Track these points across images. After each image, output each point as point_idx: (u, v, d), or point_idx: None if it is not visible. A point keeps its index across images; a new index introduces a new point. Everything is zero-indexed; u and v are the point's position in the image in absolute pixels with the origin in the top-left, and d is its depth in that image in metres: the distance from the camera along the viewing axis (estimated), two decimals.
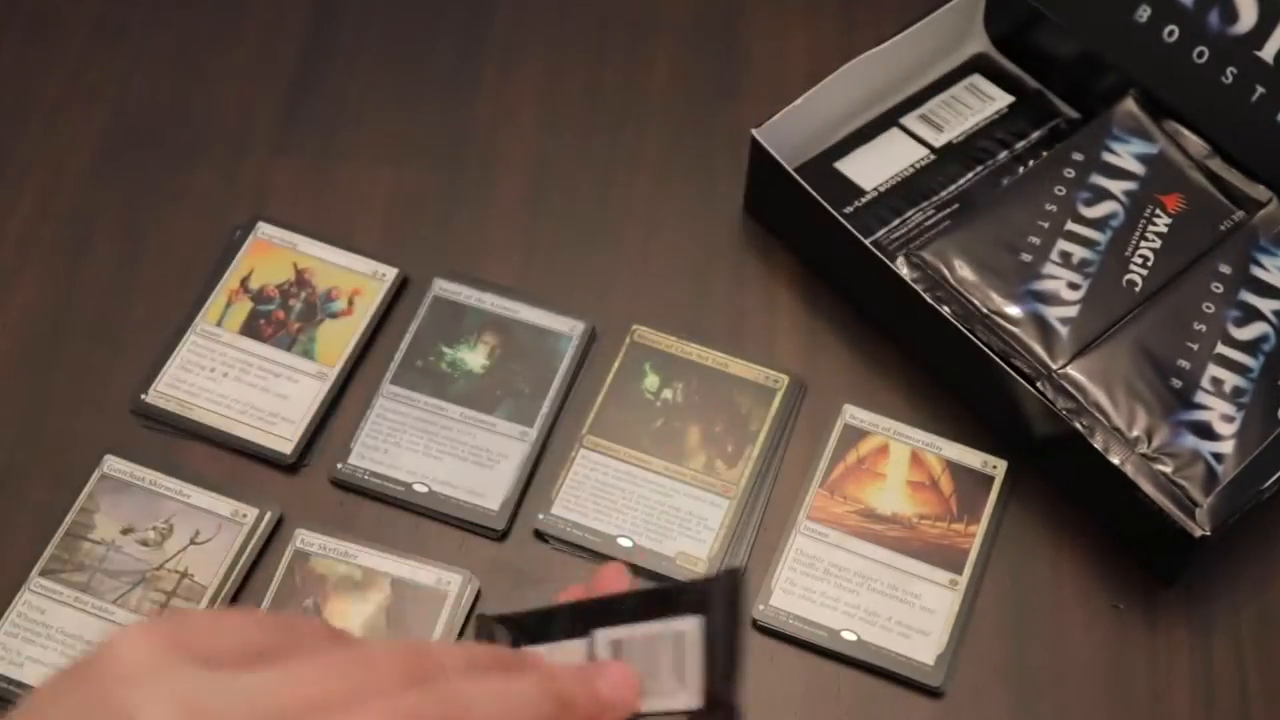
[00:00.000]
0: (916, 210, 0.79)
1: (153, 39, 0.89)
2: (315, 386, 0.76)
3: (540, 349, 0.77)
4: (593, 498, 0.73)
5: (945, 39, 0.85)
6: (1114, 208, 0.76)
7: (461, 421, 0.75)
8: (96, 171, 0.84)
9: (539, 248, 0.81)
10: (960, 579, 0.71)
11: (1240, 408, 0.71)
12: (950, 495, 0.73)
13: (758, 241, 0.82)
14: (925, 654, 0.69)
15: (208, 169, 0.84)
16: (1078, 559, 0.72)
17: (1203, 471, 0.69)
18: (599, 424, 0.75)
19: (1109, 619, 0.71)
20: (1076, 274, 0.74)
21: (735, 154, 0.81)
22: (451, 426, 0.75)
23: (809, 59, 0.88)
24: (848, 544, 0.72)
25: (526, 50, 0.89)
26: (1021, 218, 0.76)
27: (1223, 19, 0.77)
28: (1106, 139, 0.78)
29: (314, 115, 0.86)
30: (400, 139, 0.85)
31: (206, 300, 0.78)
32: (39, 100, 0.87)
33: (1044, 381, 0.71)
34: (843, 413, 0.75)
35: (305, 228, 0.81)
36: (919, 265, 0.75)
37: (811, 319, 0.79)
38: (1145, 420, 0.70)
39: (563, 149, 0.85)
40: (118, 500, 0.72)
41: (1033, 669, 0.69)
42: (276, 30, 0.90)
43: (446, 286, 0.79)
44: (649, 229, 0.82)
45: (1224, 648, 0.70)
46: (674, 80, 0.88)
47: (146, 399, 0.75)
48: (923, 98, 0.84)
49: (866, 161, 0.82)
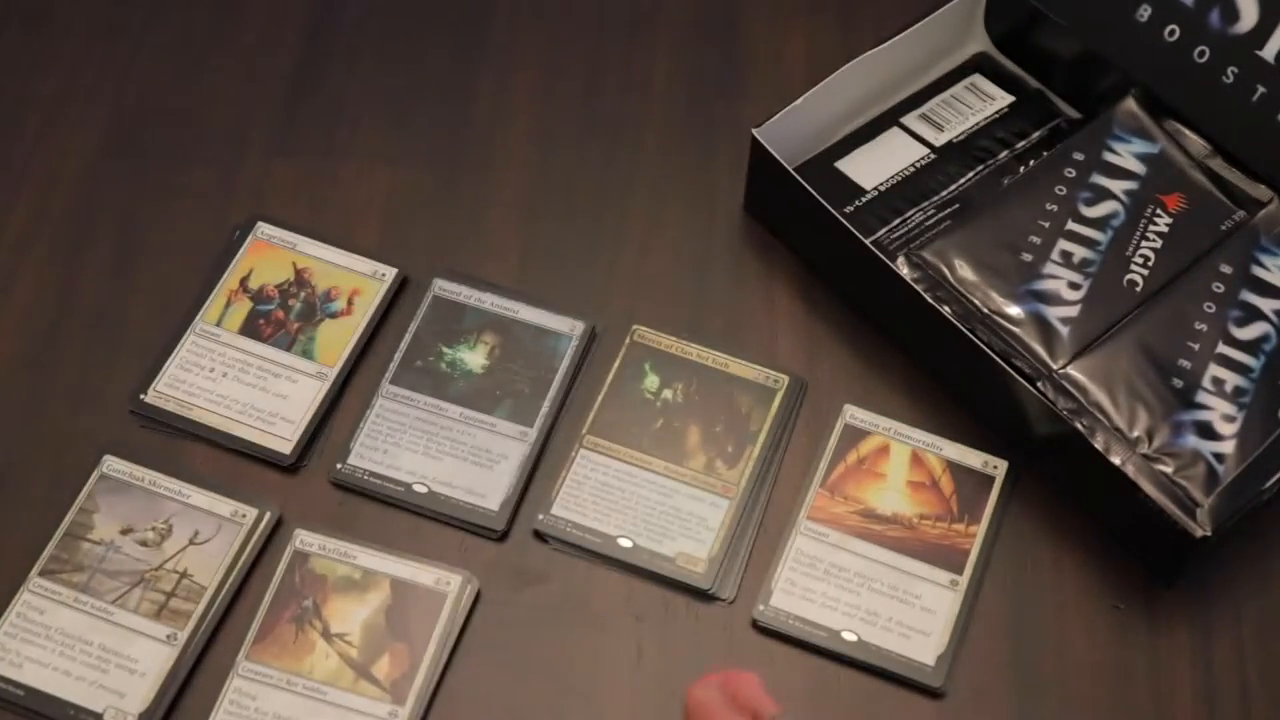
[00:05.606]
0: (917, 210, 0.79)
1: (152, 39, 0.89)
2: (314, 386, 0.76)
3: (540, 349, 0.77)
4: (593, 498, 0.73)
5: (945, 39, 0.85)
6: (1115, 207, 0.76)
7: (461, 421, 0.75)
8: (95, 171, 0.84)
9: (539, 248, 0.81)
10: (961, 579, 0.71)
11: (1241, 408, 0.71)
12: (951, 495, 0.73)
13: (757, 241, 0.81)
14: (926, 654, 0.69)
15: (207, 169, 0.84)
16: (1078, 559, 0.72)
17: (1204, 472, 0.69)
18: (599, 424, 0.75)
19: (1109, 619, 0.71)
20: (1077, 274, 0.74)
21: (735, 154, 0.81)
22: (451, 427, 0.75)
23: (809, 59, 0.87)
24: (848, 544, 0.72)
25: (526, 50, 0.89)
26: (1022, 217, 0.76)
27: (1223, 18, 0.77)
28: (1107, 138, 0.78)
29: (313, 115, 0.86)
30: (400, 139, 0.85)
31: (206, 300, 0.78)
32: (38, 100, 0.86)
33: (1045, 381, 0.71)
34: (843, 413, 0.75)
35: (305, 227, 0.81)
36: (919, 265, 0.74)
37: (811, 319, 0.79)
38: (1146, 420, 0.70)
39: (562, 149, 0.85)
40: (117, 500, 0.72)
41: (1033, 669, 0.69)
42: (276, 30, 0.90)
43: (446, 286, 0.79)
44: (649, 229, 0.82)
45: (1224, 648, 0.70)
46: (674, 80, 0.88)
47: (146, 399, 0.75)
48: (923, 97, 0.84)
49: (867, 161, 0.81)
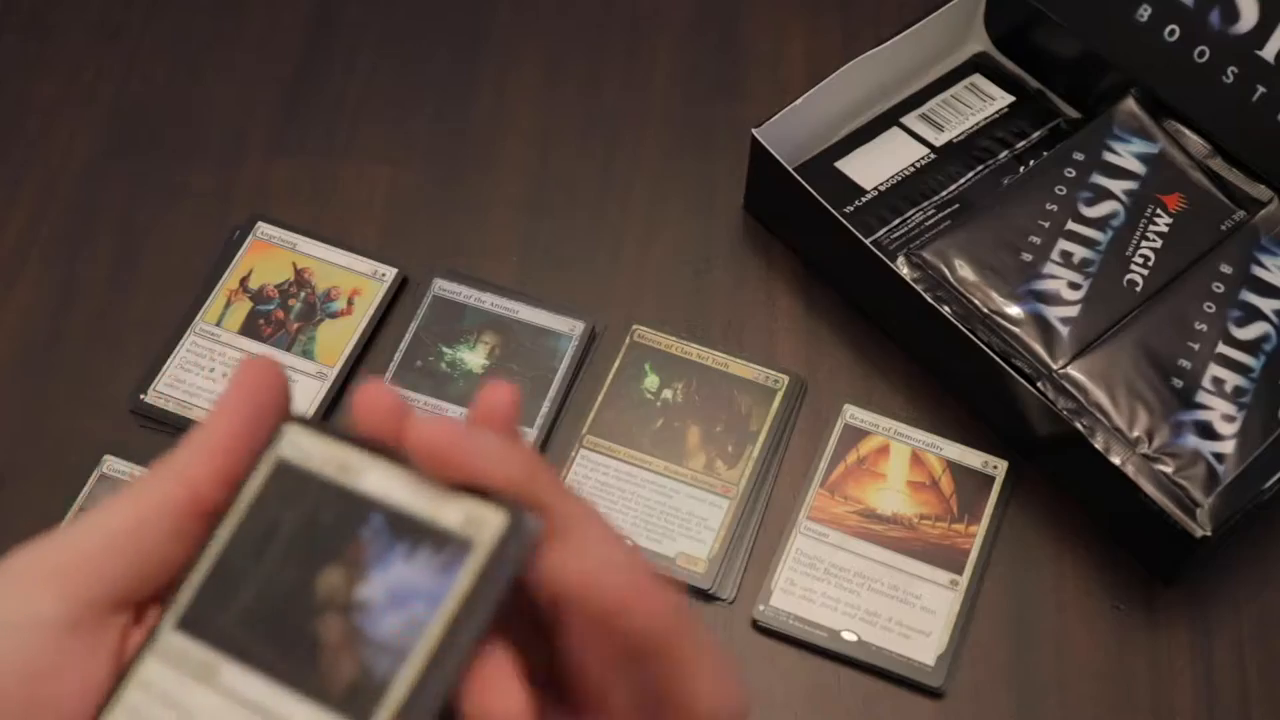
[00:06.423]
0: (917, 210, 0.79)
1: (151, 39, 0.89)
2: (315, 386, 0.76)
3: (540, 349, 0.77)
4: (592, 498, 0.73)
5: (945, 39, 0.85)
6: (1115, 207, 0.76)
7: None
8: (95, 172, 0.84)
9: (539, 247, 0.81)
10: (961, 579, 0.71)
11: (1241, 407, 0.71)
12: (951, 495, 0.73)
13: (757, 241, 0.81)
14: (926, 654, 0.69)
15: (207, 169, 0.84)
16: (1078, 559, 0.72)
17: (1204, 471, 0.69)
18: (599, 424, 0.75)
19: (1109, 619, 0.70)
20: (1077, 274, 0.74)
21: (735, 154, 0.81)
22: None
23: (809, 59, 0.87)
24: (848, 544, 0.72)
25: (526, 50, 0.89)
26: (1022, 217, 0.76)
27: (1223, 18, 0.77)
28: (1107, 138, 0.78)
29: (313, 115, 0.86)
30: (400, 139, 0.85)
31: (206, 300, 0.78)
32: (37, 100, 0.86)
33: (1045, 381, 0.71)
34: (843, 413, 0.75)
35: (304, 227, 0.81)
36: (919, 265, 0.74)
37: (811, 319, 0.79)
38: (1146, 420, 0.70)
39: (562, 149, 0.85)
40: None
41: (1033, 669, 0.69)
42: (276, 30, 0.90)
43: (446, 286, 0.79)
44: (649, 229, 0.82)
45: (1224, 648, 0.70)
46: (674, 80, 0.88)
47: (146, 399, 0.75)
48: (923, 97, 0.84)
49: (867, 161, 0.81)
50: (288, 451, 0.37)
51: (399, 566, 0.35)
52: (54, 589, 0.35)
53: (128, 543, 0.36)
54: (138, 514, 0.36)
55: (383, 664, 0.35)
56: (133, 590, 0.36)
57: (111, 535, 0.36)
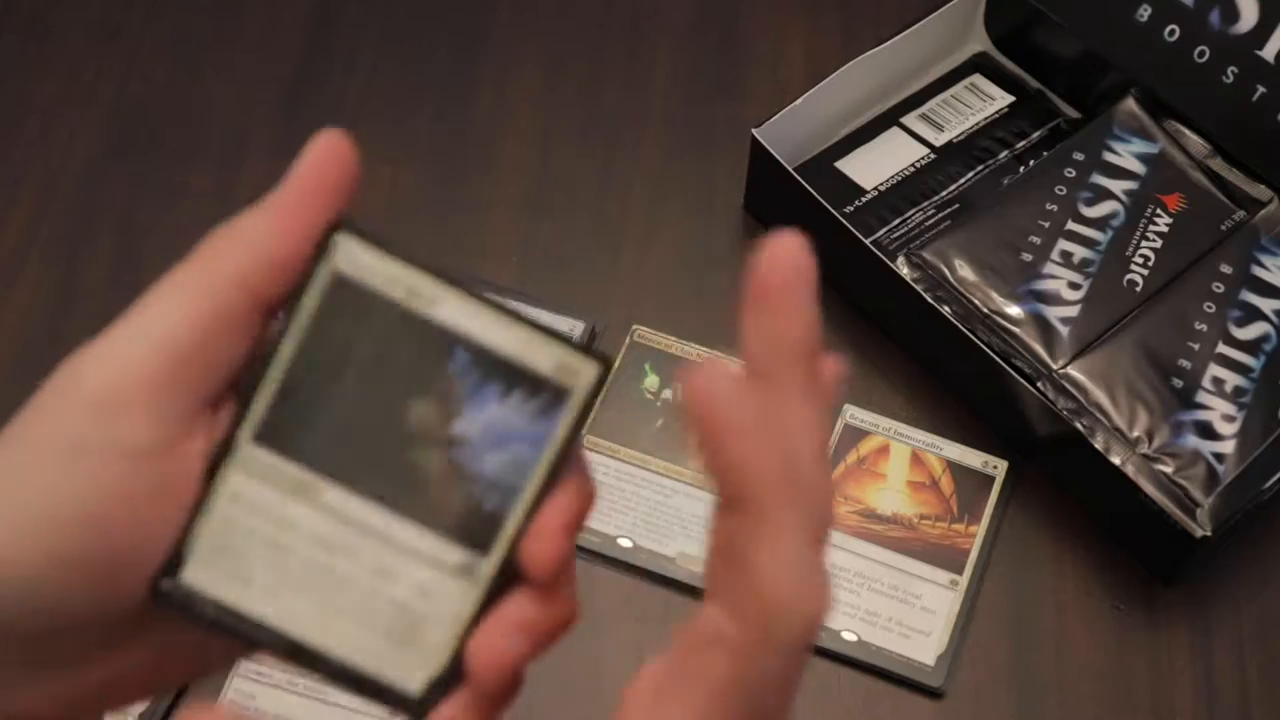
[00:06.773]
0: (917, 210, 0.79)
1: (151, 39, 0.89)
2: None
3: None
4: None
5: (945, 39, 0.85)
6: (1115, 207, 0.76)
7: None
8: (95, 172, 0.84)
9: (539, 248, 0.81)
10: (961, 579, 0.71)
11: (1241, 407, 0.71)
12: (951, 495, 0.73)
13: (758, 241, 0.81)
14: (926, 654, 0.69)
15: (207, 169, 0.84)
16: (1078, 559, 0.72)
17: (1204, 471, 0.69)
18: (599, 424, 0.75)
19: (1109, 619, 0.70)
20: (1077, 274, 0.74)
21: (735, 154, 0.81)
22: None
23: (809, 59, 0.87)
24: (848, 544, 0.72)
25: (526, 50, 0.89)
26: (1022, 217, 0.76)
27: (1223, 18, 0.77)
28: (1107, 138, 0.78)
29: (313, 115, 0.86)
30: (400, 139, 0.85)
31: None
32: (37, 100, 0.86)
33: (1045, 381, 0.71)
34: (843, 413, 0.75)
35: None
36: (919, 265, 0.74)
37: None
38: (1146, 420, 0.70)
39: (562, 149, 0.85)
40: None
41: (1033, 669, 0.69)
42: (276, 30, 0.89)
43: None
44: (649, 229, 0.82)
45: (1224, 648, 0.70)
46: (674, 80, 0.88)
47: None
48: (923, 97, 0.84)
49: (867, 161, 0.81)
50: (345, 266, 0.36)
51: (494, 406, 0.35)
52: (140, 414, 0.35)
53: (197, 355, 0.35)
54: (204, 326, 0.36)
55: (492, 499, 0.35)
56: (211, 394, 0.36)
57: (180, 349, 0.36)
